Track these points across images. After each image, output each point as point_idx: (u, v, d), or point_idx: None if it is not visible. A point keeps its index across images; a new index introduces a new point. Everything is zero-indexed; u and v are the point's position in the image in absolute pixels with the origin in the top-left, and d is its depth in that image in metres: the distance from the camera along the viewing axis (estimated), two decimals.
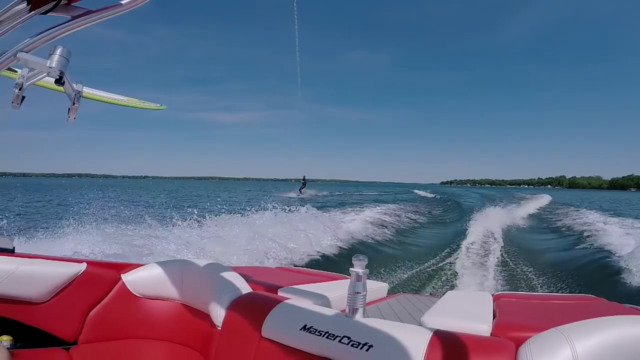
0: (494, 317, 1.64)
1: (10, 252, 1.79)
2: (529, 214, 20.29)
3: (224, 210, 9.87)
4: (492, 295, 2.12)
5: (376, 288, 2.46)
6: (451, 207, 25.12)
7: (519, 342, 1.13)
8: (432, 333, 1.18)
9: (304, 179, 36.12)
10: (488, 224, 12.66)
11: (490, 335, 1.41)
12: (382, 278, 6.83)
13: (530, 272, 7.43)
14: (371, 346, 1.16)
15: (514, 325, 1.43)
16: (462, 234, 11.40)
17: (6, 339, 1.73)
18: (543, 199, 31.19)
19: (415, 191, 56.52)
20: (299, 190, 34.11)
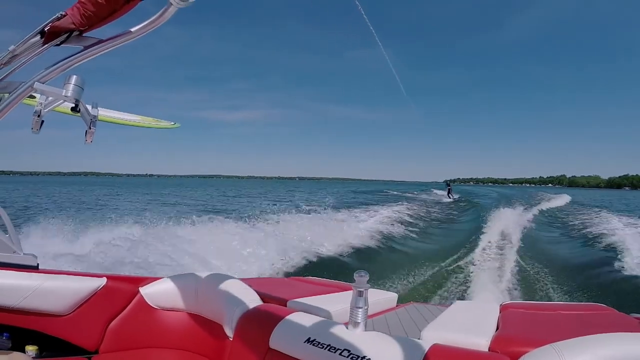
0: (498, 328, 1.62)
1: (34, 268, 1.80)
2: (547, 216, 19.32)
3: None
4: (500, 305, 2.09)
5: (385, 298, 2.44)
6: (466, 206, 23.94)
7: (515, 358, 1.10)
8: (429, 347, 1.17)
9: (448, 183, 36.21)
10: (504, 226, 12.12)
11: (489, 349, 1.38)
12: (395, 282, 6.68)
13: (544, 277, 7.08)
14: None
15: (512, 340, 1.41)
16: (477, 236, 10.92)
17: (32, 349, 1.75)
18: (562, 199, 30.53)
19: (434, 191, 50.50)
20: (448, 194, 33.97)
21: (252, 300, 1.73)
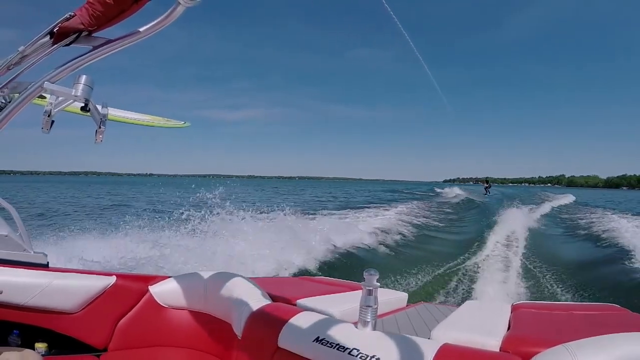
0: (509, 328, 1.58)
1: (44, 266, 1.79)
2: (554, 216, 18.88)
3: None
4: (512, 305, 2.05)
5: (395, 298, 2.41)
6: (473, 206, 23.58)
7: (526, 358, 1.07)
8: (439, 347, 1.14)
9: (487, 182, 35.32)
10: (511, 226, 11.85)
11: (500, 349, 1.34)
12: (405, 281, 6.57)
13: (554, 278, 6.86)
14: (378, 359, 1.12)
15: (524, 340, 1.36)
16: (486, 236, 10.64)
17: (42, 346, 1.73)
18: (567, 198, 30.36)
19: (437, 190, 47.69)
20: (486, 190, 33.01)
21: (261, 299, 1.69)
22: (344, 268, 6.86)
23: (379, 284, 1.28)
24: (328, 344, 1.24)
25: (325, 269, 6.54)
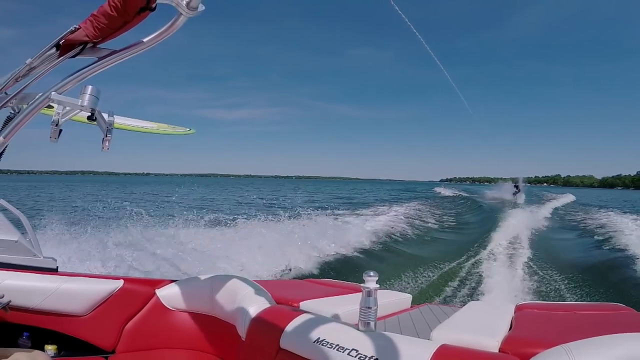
0: (511, 329, 1.57)
1: (54, 271, 1.80)
2: (557, 215, 18.66)
3: None
4: (515, 305, 2.02)
5: (399, 299, 2.40)
6: (474, 206, 23.20)
7: (525, 359, 1.05)
8: (437, 347, 1.12)
9: (516, 184, 32.96)
10: (514, 226, 11.71)
11: (499, 350, 1.32)
12: (409, 282, 6.47)
13: (558, 278, 6.71)
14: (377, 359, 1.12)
15: (524, 341, 1.34)
16: (489, 236, 10.48)
17: (51, 348, 1.74)
18: (567, 198, 30.32)
19: (436, 189, 47.99)
20: (513, 195, 30.45)
21: (264, 301, 1.69)
22: (348, 269, 6.83)
23: (378, 285, 1.27)
24: (328, 345, 1.23)
25: (329, 270, 6.51)
